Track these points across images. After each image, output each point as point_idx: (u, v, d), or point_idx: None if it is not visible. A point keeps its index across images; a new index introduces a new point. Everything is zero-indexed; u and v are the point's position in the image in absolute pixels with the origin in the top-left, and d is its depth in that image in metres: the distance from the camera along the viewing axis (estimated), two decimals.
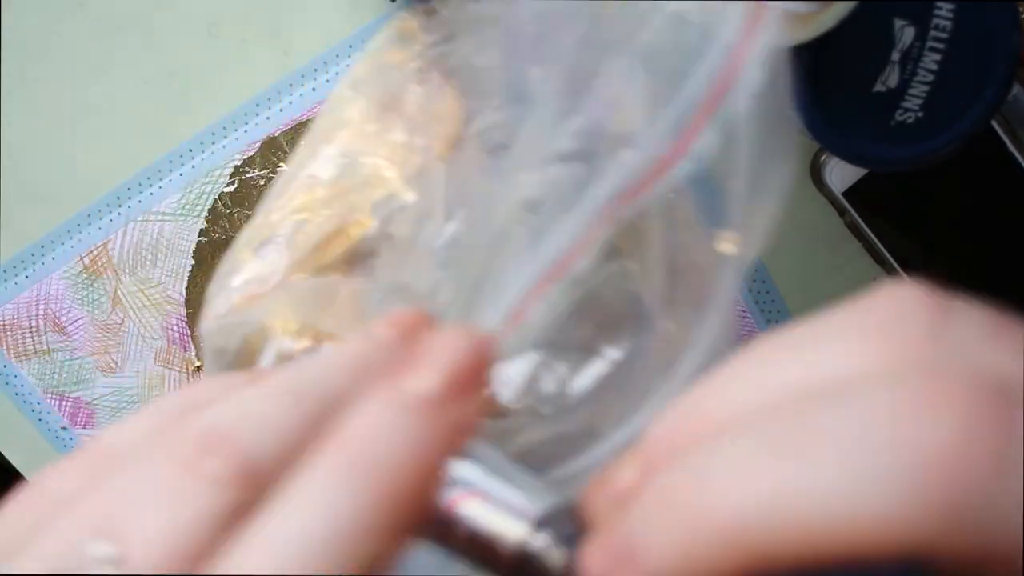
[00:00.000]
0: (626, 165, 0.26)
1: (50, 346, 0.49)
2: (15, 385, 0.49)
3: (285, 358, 0.34)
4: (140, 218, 0.47)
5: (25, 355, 0.49)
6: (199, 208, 0.46)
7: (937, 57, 0.35)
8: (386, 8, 0.44)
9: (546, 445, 0.31)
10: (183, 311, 0.48)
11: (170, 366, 0.48)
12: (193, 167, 0.46)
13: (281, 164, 0.46)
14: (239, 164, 0.46)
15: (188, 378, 0.49)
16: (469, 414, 0.20)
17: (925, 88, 0.35)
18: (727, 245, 0.28)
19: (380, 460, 0.19)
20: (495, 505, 0.21)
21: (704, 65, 0.25)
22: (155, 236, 0.47)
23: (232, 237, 0.47)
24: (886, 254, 0.46)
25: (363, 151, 0.37)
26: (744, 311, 0.48)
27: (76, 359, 0.49)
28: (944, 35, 0.34)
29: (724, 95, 0.24)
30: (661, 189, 0.26)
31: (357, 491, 0.18)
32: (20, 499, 0.21)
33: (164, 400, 0.23)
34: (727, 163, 0.26)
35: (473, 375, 0.20)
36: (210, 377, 0.24)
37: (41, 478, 0.21)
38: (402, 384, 0.20)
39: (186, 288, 0.48)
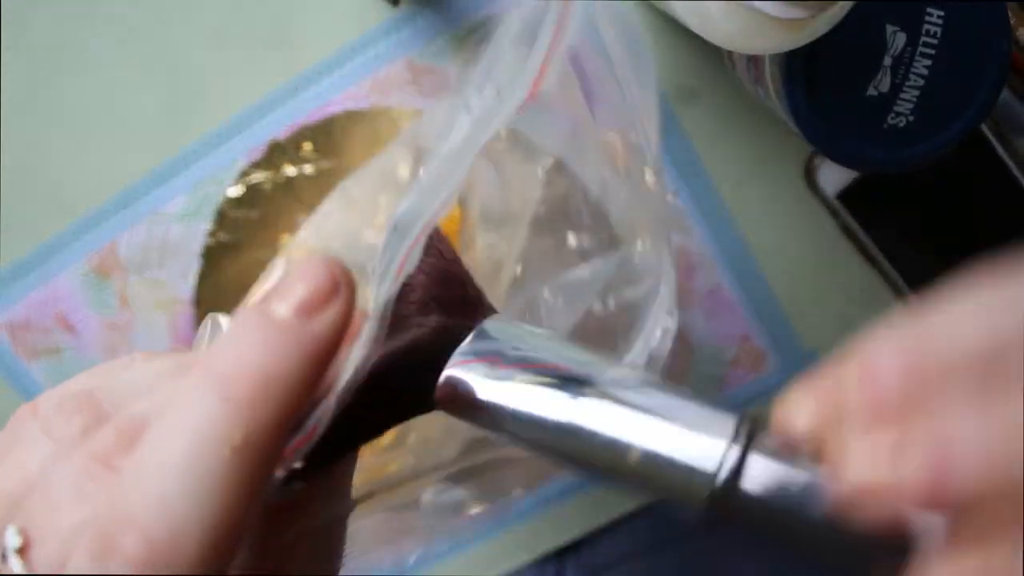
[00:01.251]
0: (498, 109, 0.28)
1: (59, 345, 0.49)
2: (25, 384, 0.50)
3: None
4: (147, 219, 0.47)
5: (35, 354, 0.49)
6: (206, 210, 0.47)
7: (928, 62, 0.35)
8: (389, 13, 0.45)
9: None
10: (190, 311, 0.48)
11: None
12: (200, 169, 0.47)
13: (285, 167, 0.47)
14: (245, 167, 0.47)
15: None
16: (329, 325, 0.23)
17: (916, 93, 0.36)
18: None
19: (234, 365, 0.21)
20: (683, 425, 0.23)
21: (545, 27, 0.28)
22: (162, 237, 0.47)
23: (238, 239, 0.47)
24: (878, 256, 0.46)
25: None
26: (739, 311, 0.49)
27: (85, 358, 0.49)
28: (935, 41, 0.35)
29: (558, 45, 0.27)
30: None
31: (217, 394, 0.21)
32: None
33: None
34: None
35: (324, 295, 0.23)
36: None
37: None
38: (261, 309, 0.22)
39: (193, 289, 0.48)
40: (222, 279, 0.48)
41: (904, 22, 0.35)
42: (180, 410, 0.21)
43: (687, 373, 0.50)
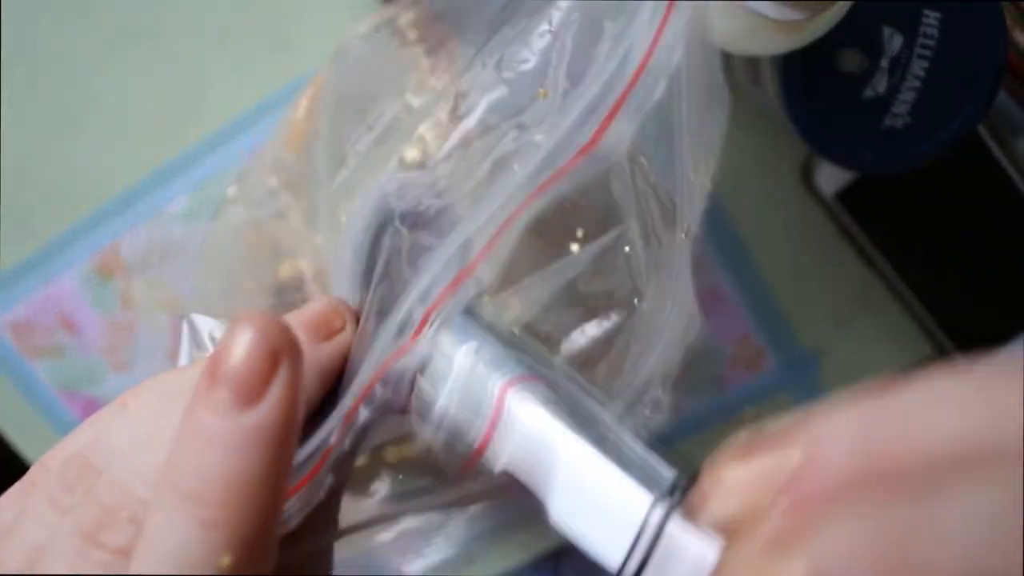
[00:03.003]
0: (538, 154, 0.25)
1: (62, 345, 0.49)
2: (28, 383, 0.50)
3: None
4: (150, 220, 0.47)
5: (38, 354, 0.50)
6: (207, 210, 0.47)
7: (925, 64, 0.35)
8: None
9: None
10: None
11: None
12: (201, 170, 0.47)
13: None
14: (247, 167, 0.47)
15: None
16: (279, 404, 0.21)
17: (913, 94, 0.36)
18: (682, 235, 0.29)
19: (199, 479, 0.20)
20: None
21: (619, 49, 0.25)
22: (164, 237, 0.48)
23: None
24: (876, 256, 0.47)
25: None
26: (737, 310, 0.49)
27: (88, 357, 0.50)
28: (931, 43, 0.35)
29: (635, 85, 0.24)
30: (571, 181, 0.26)
31: (193, 518, 0.20)
32: None
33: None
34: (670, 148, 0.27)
35: (262, 377, 0.20)
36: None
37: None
38: (201, 408, 0.20)
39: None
40: None
41: (901, 24, 0.35)
42: (162, 536, 0.20)
43: (686, 373, 0.50)
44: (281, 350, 0.21)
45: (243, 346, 0.20)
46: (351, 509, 0.31)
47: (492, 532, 0.53)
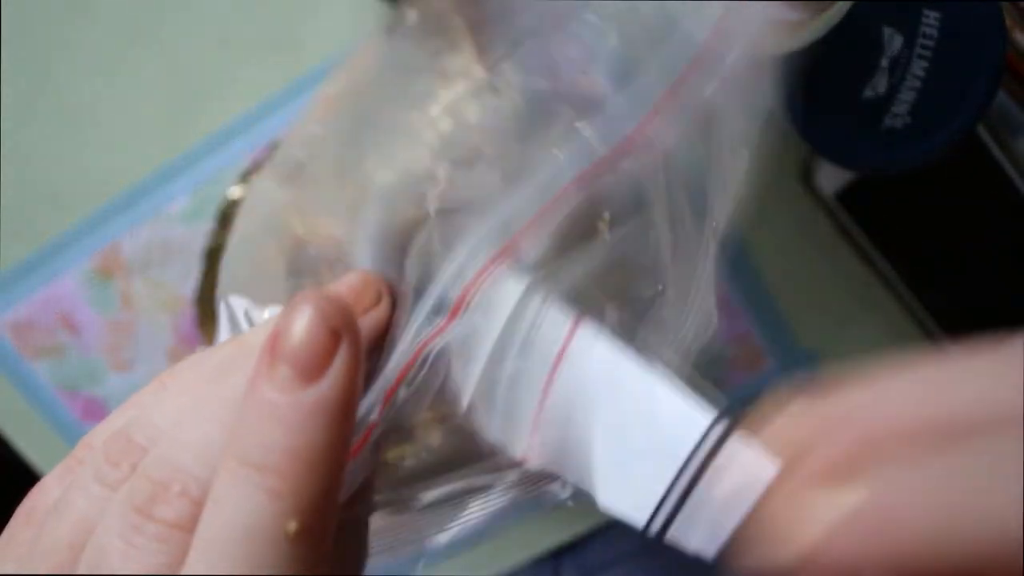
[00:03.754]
0: (585, 144, 0.25)
1: (62, 345, 0.50)
2: (28, 383, 0.50)
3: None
4: (150, 220, 0.48)
5: (38, 353, 0.50)
6: (208, 210, 0.47)
7: (925, 64, 0.35)
8: (388, 13, 0.45)
9: None
10: (193, 311, 0.48)
11: None
12: (202, 170, 0.47)
13: None
14: (247, 168, 0.47)
15: None
16: (341, 378, 0.21)
17: (913, 94, 0.36)
18: (710, 230, 0.28)
19: (264, 452, 0.21)
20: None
21: (677, 40, 0.25)
22: (165, 237, 0.48)
23: None
24: (875, 256, 0.47)
25: None
26: (737, 310, 0.49)
27: (88, 357, 0.50)
28: (931, 43, 0.35)
29: (696, 73, 0.24)
30: (622, 175, 0.26)
31: (260, 488, 0.21)
32: (16, 526, 0.24)
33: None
34: (708, 144, 0.27)
35: (324, 354, 0.21)
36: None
37: (32, 500, 0.25)
38: (265, 387, 0.21)
39: (196, 289, 0.48)
40: None
41: (901, 24, 0.35)
42: (228, 506, 0.21)
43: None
44: (341, 328, 0.21)
45: (303, 324, 0.21)
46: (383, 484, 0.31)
47: (492, 532, 0.53)
